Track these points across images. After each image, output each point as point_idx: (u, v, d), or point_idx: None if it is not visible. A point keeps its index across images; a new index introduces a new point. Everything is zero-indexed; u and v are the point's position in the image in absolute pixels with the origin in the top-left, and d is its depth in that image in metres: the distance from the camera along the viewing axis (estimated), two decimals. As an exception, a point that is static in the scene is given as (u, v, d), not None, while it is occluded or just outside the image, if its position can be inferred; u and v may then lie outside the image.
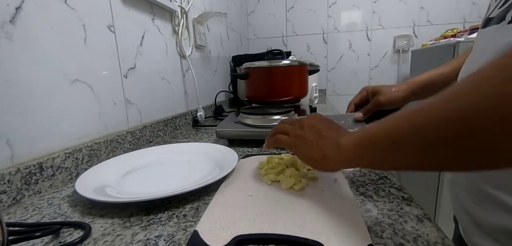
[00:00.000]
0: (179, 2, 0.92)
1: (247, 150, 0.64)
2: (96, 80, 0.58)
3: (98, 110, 0.59)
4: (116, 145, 0.62)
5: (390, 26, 1.91)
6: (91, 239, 0.31)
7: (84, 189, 0.39)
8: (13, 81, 0.42)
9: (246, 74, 0.88)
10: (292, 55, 1.28)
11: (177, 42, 0.94)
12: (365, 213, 0.33)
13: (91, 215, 0.37)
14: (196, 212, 0.36)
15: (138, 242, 0.30)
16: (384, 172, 0.46)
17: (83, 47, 0.55)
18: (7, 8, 0.41)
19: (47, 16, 0.47)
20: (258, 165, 0.49)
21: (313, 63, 1.03)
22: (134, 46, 0.71)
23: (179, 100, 0.95)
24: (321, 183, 0.41)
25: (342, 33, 1.98)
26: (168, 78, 0.88)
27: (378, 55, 1.97)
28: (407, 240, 0.28)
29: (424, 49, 1.66)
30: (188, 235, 0.31)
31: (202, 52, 1.16)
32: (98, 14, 0.59)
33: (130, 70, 0.69)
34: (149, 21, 0.78)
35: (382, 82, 1.99)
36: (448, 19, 1.82)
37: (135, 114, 0.71)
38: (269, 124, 0.68)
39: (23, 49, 0.43)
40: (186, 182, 0.44)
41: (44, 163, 0.45)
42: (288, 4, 2.00)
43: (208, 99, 1.20)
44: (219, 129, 0.69)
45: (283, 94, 0.87)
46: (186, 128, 0.97)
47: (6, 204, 0.40)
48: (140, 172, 0.51)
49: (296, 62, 0.90)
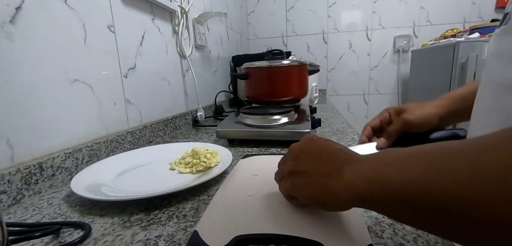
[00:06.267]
0: (179, 2, 0.92)
1: (247, 150, 0.64)
2: (96, 80, 0.58)
3: (98, 111, 0.59)
4: (116, 145, 0.62)
5: (390, 26, 1.91)
6: (91, 239, 0.31)
7: (80, 189, 0.39)
8: (13, 82, 0.42)
9: (246, 74, 0.88)
10: (292, 55, 1.28)
11: (177, 42, 0.94)
12: (365, 213, 0.33)
13: (91, 215, 0.37)
14: (196, 212, 0.36)
15: (138, 242, 0.30)
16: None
17: (83, 47, 0.55)
18: (7, 8, 0.41)
19: (47, 16, 0.47)
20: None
21: (313, 63, 1.03)
22: (134, 46, 0.71)
23: (179, 100, 0.95)
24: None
25: (342, 33, 1.98)
26: (168, 78, 0.88)
27: (378, 55, 1.97)
28: (407, 240, 0.28)
29: (424, 49, 1.66)
30: (188, 235, 0.31)
31: (202, 52, 1.16)
32: (98, 14, 0.59)
33: (130, 70, 0.69)
34: (149, 21, 0.78)
35: (382, 82, 1.99)
36: (448, 19, 1.82)
37: (135, 114, 0.71)
38: (269, 123, 0.68)
39: (23, 49, 0.43)
40: (183, 181, 0.44)
41: (44, 163, 0.45)
42: (288, 4, 2.00)
43: (208, 99, 1.20)
44: (219, 129, 0.69)
45: (283, 94, 0.87)
46: (186, 128, 0.97)
47: (6, 204, 0.39)
48: (136, 172, 0.51)
49: (296, 62, 0.90)
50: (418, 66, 1.74)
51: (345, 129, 0.82)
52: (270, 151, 0.63)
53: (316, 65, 1.02)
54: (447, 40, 1.47)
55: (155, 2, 0.79)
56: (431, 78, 1.57)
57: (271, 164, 0.49)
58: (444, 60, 1.43)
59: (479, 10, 1.79)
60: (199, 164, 0.49)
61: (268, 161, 0.52)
